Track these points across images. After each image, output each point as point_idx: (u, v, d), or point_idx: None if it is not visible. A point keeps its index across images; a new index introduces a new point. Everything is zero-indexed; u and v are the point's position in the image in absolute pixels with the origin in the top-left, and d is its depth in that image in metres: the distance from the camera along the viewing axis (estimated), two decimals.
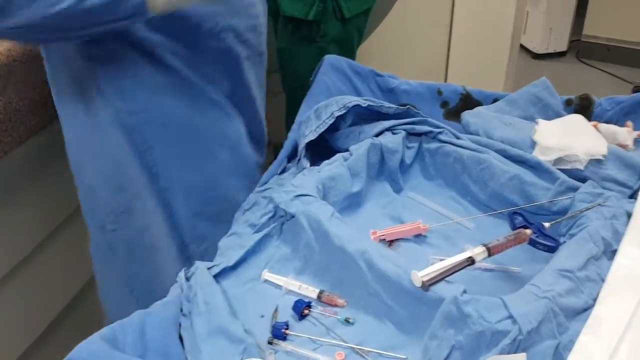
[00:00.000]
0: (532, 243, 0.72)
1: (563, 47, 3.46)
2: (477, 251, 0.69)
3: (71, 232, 1.25)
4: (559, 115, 0.98)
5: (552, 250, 0.71)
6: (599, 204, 0.77)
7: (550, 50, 3.43)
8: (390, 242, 0.82)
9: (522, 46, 3.34)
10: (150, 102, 0.88)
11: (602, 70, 3.30)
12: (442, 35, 2.11)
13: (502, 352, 0.59)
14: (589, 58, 3.42)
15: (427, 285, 0.66)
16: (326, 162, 0.89)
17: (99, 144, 0.92)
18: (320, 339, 0.68)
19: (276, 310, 0.72)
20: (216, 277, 0.76)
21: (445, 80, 2.17)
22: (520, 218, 0.76)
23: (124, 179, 0.94)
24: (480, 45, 2.07)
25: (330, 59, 1.04)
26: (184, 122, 0.91)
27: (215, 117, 0.94)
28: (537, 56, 3.40)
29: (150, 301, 0.70)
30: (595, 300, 0.67)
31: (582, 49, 3.46)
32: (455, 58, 2.13)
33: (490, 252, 0.69)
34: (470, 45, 2.09)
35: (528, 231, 0.72)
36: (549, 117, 0.97)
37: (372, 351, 0.65)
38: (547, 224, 0.74)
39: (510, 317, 0.60)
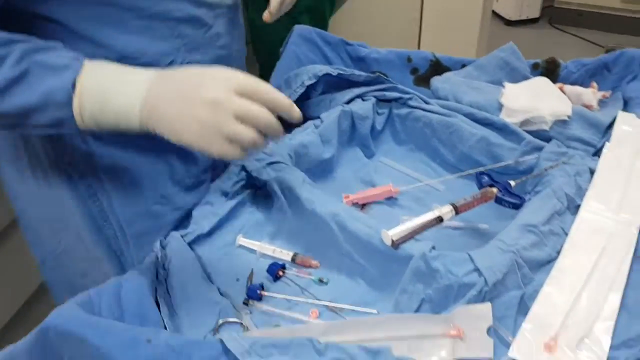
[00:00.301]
0: (498, 201, 0.74)
1: (535, 14, 3.49)
2: (444, 210, 0.71)
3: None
4: (526, 79, 1.00)
5: (517, 207, 0.74)
6: (563, 162, 0.79)
7: (523, 17, 3.45)
8: (363, 206, 0.84)
9: (495, 13, 3.35)
10: (97, 149, 0.77)
11: (575, 35, 3.33)
12: (414, 4, 2.11)
13: (469, 303, 0.61)
14: (561, 23, 3.45)
15: (397, 244, 0.68)
16: (297, 129, 0.90)
17: (39, 191, 0.83)
18: (295, 299, 0.69)
19: (251, 273, 0.74)
20: (191, 244, 0.77)
21: (418, 49, 2.18)
22: (486, 178, 0.78)
23: (64, 226, 0.85)
24: (452, 13, 2.09)
25: (299, 29, 1.04)
26: (136, 170, 0.80)
27: (176, 162, 0.83)
28: (510, 23, 3.42)
29: None
30: (558, 252, 0.70)
31: (554, 14, 3.49)
32: (427, 26, 2.14)
33: (458, 210, 0.71)
34: (442, 12, 2.10)
35: (494, 189, 0.74)
36: (516, 81, 0.98)
37: (344, 307, 0.68)
38: (512, 182, 0.76)
39: (476, 270, 0.63)
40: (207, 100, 0.61)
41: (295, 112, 0.65)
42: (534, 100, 0.89)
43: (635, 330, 0.60)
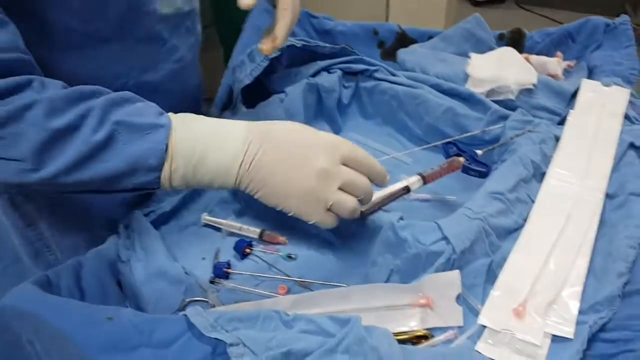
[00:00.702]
0: (465, 170, 0.74)
1: None
2: (412, 180, 0.71)
3: None
4: (491, 50, 0.99)
5: (483, 175, 0.73)
6: (528, 131, 0.79)
7: None
8: None
9: None
10: None
11: (542, 15, 3.35)
12: None
13: (437, 271, 0.61)
14: (528, 3, 3.46)
15: (365, 215, 0.68)
16: (262, 103, 0.88)
17: None
18: (263, 275, 0.68)
19: (218, 251, 0.72)
20: (155, 223, 0.75)
21: None
22: (454, 148, 0.77)
23: None
24: None
25: (262, 1, 1.02)
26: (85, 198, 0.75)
27: None
28: (477, 3, 3.42)
29: None
30: (525, 220, 0.70)
31: None
32: (395, 6, 2.12)
33: (425, 180, 0.71)
34: None
35: (461, 159, 0.74)
36: (482, 52, 0.97)
37: (314, 282, 0.66)
38: (479, 152, 0.75)
39: (444, 238, 0.62)
40: (317, 170, 0.60)
41: (387, 179, 0.66)
42: (499, 69, 0.88)
43: (602, 294, 0.60)
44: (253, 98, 0.92)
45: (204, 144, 0.60)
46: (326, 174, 0.61)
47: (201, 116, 0.63)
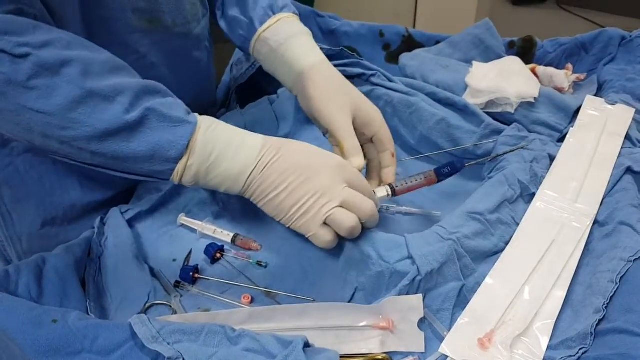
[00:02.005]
0: (439, 177, 0.70)
1: None
2: (379, 189, 0.69)
3: None
4: (500, 58, 0.95)
5: (456, 169, 0.69)
6: (521, 147, 0.75)
7: None
8: None
9: None
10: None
11: (584, 18, 3.23)
12: None
13: (400, 293, 0.58)
14: (570, 5, 3.34)
15: None
16: (251, 104, 0.86)
17: None
18: (229, 282, 0.67)
19: (189, 254, 0.71)
20: (132, 221, 0.75)
21: (414, 27, 2.11)
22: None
23: None
24: None
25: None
26: (27, 190, 0.76)
27: (75, 192, 0.79)
28: (517, 2, 3.32)
29: None
30: (507, 243, 0.66)
31: None
32: (423, 6, 2.07)
33: (396, 192, 0.68)
34: None
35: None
36: (490, 60, 0.94)
37: (280, 293, 0.65)
38: None
39: (410, 257, 0.59)
40: (318, 185, 0.62)
41: (377, 220, 0.66)
42: (500, 80, 0.84)
43: (576, 329, 0.56)
44: (251, 98, 0.91)
45: (222, 149, 0.61)
46: (326, 190, 0.62)
47: (225, 123, 0.64)
